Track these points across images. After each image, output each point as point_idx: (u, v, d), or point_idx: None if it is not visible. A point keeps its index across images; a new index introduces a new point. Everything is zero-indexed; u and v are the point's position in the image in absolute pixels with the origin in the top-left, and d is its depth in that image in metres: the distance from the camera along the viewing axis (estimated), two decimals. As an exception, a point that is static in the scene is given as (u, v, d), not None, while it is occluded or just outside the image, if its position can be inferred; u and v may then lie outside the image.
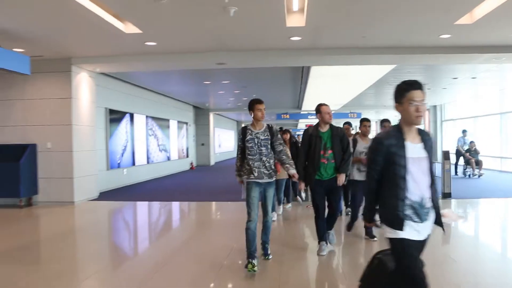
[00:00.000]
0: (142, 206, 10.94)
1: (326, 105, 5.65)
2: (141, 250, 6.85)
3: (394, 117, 5.28)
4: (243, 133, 5.20)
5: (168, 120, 20.17)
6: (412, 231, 2.83)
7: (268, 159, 5.12)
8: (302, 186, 5.74)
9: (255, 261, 4.95)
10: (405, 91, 2.83)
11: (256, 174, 5.07)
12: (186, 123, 23.60)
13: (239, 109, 26.63)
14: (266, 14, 7.10)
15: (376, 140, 2.98)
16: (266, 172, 5.11)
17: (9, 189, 9.89)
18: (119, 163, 14.48)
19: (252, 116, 5.16)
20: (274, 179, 5.24)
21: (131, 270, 5.54)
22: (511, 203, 10.36)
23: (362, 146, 6.58)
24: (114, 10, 7.12)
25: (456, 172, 16.86)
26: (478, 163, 16.20)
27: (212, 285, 4.76)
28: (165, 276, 5.09)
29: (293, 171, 5.19)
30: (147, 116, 17.32)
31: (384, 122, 7.75)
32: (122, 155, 14.79)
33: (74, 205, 10.27)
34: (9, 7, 6.65)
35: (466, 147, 16.83)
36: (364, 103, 24.10)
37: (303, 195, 5.51)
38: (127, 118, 15.23)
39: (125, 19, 7.59)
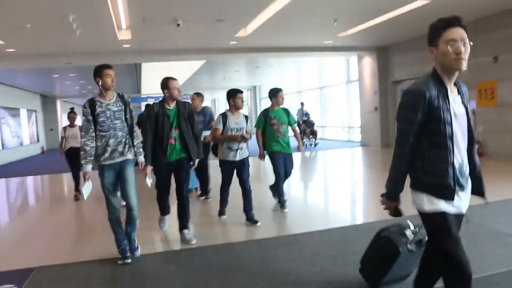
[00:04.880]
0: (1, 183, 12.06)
1: (175, 79, 4.81)
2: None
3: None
4: (91, 106, 4.09)
5: (18, 109, 21.05)
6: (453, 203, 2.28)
7: (123, 133, 4.17)
8: (149, 171, 4.61)
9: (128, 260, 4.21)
10: (441, 30, 2.23)
11: (107, 154, 4.10)
12: (35, 111, 24.41)
13: (85, 96, 28.01)
14: (103, 32, 9.71)
15: (413, 91, 2.27)
16: (120, 150, 4.15)
17: None
18: (-22, 149, 15.63)
19: (100, 84, 4.12)
20: (131, 156, 4.26)
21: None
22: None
23: (234, 122, 5.51)
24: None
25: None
26: (313, 133, 16.52)
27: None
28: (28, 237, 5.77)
29: (142, 159, 4.43)
30: (-1, 107, 18.32)
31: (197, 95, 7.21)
32: (-20, 142, 15.92)
33: None
34: None
35: (304, 118, 16.85)
36: (200, 85, 27.10)
37: (149, 181, 4.57)
38: (-19, 109, 16.27)
39: (-8, 34, 9.51)
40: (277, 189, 6.19)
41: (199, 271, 3.98)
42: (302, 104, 18.01)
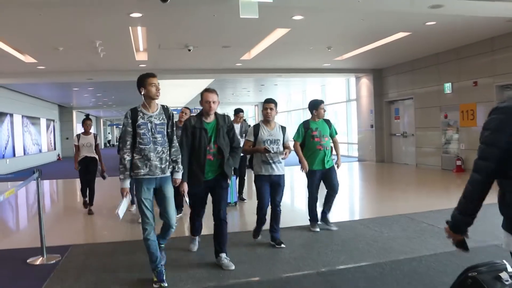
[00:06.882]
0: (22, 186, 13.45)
1: (211, 91, 4.53)
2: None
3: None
4: (133, 116, 3.93)
5: (39, 118, 22.57)
6: None
7: (163, 149, 3.98)
8: (186, 188, 4.36)
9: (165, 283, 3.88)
10: None
11: (147, 169, 3.89)
12: (53, 120, 25.96)
13: (99, 107, 29.76)
14: (123, 54, 11.07)
15: (501, 109, 1.89)
16: (160, 166, 3.94)
17: None
18: (3, 155, 17.03)
19: (144, 93, 3.95)
20: (169, 173, 4.08)
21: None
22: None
23: (267, 133, 5.19)
24: (23, 50, 10.46)
25: None
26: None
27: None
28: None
29: (179, 176, 4.19)
30: (22, 116, 19.77)
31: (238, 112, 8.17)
32: (5, 148, 17.33)
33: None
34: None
35: None
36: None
37: (187, 199, 4.62)
38: (8, 118, 17.73)
39: (27, 54, 10.90)
40: (309, 209, 5.93)
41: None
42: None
